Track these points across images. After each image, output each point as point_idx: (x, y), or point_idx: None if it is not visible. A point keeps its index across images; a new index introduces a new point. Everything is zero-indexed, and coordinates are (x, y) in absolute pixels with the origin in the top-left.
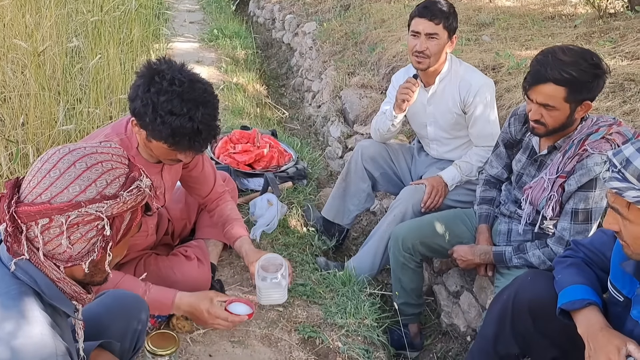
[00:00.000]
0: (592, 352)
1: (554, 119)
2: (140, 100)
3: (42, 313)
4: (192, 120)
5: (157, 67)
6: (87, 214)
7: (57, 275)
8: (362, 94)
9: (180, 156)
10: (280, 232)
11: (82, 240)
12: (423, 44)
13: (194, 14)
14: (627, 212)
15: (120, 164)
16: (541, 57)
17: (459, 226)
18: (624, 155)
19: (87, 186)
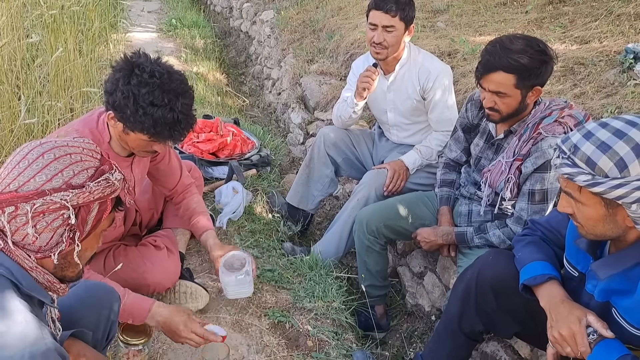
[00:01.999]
0: (554, 322)
1: (506, 105)
2: (120, 93)
3: (22, 302)
4: (172, 111)
5: (135, 60)
6: (52, 202)
7: (29, 264)
8: (321, 81)
9: (157, 147)
10: (246, 219)
11: (48, 230)
12: (380, 35)
13: (151, 3)
14: (579, 195)
15: (90, 158)
16: (490, 47)
17: (421, 208)
18: (571, 142)
19: (53, 176)
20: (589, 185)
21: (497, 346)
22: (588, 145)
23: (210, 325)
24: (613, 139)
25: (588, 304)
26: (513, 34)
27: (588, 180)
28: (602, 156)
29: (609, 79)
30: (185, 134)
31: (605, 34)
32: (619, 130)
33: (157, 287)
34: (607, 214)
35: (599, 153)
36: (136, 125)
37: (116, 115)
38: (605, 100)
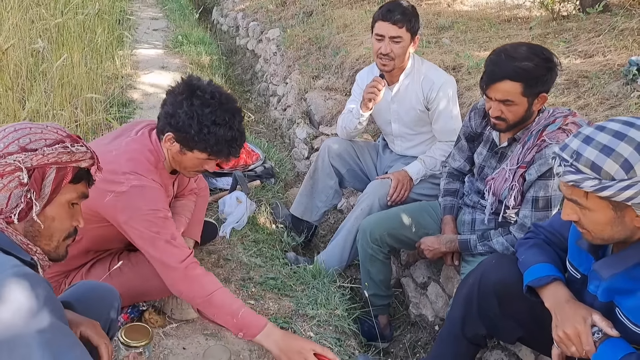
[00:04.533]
0: (559, 322)
1: (513, 114)
2: (184, 114)
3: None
4: (232, 129)
5: (195, 82)
6: (7, 164)
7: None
8: (326, 96)
9: (208, 166)
10: (250, 229)
11: (5, 190)
12: (387, 46)
13: (158, 22)
14: (586, 201)
15: (53, 133)
16: (494, 56)
17: (425, 218)
18: (571, 148)
19: (10, 143)
20: (597, 190)
21: (501, 354)
22: (590, 150)
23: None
24: (614, 141)
25: (592, 304)
26: (516, 43)
27: (595, 185)
28: (607, 159)
29: (613, 91)
30: (240, 150)
31: (609, 48)
32: (618, 132)
33: (159, 292)
34: (615, 216)
35: (602, 157)
36: (199, 144)
37: (176, 136)
38: (609, 111)
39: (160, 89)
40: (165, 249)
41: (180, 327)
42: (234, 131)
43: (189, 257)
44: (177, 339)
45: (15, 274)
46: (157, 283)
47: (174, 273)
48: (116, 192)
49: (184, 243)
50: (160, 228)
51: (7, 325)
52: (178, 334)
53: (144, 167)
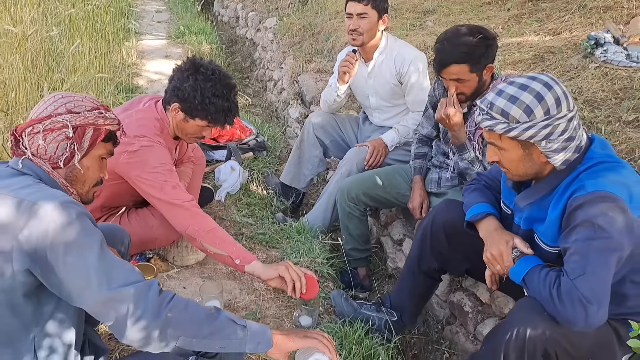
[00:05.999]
0: (488, 246)
1: (468, 88)
2: (189, 87)
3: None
4: (228, 101)
5: (198, 61)
6: (57, 122)
7: (47, 169)
8: (317, 78)
9: (206, 132)
10: (243, 194)
11: (54, 142)
12: (355, 22)
13: (162, 14)
14: (500, 142)
15: (91, 102)
16: (439, 45)
17: (397, 179)
18: (488, 100)
19: (59, 106)
20: (506, 131)
21: (462, 295)
22: (500, 100)
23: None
24: (519, 92)
25: (517, 233)
26: (456, 26)
27: (504, 128)
28: (512, 106)
29: (573, 64)
30: (234, 119)
31: (576, 25)
32: (523, 85)
33: (163, 240)
34: (524, 154)
35: (509, 105)
36: (201, 112)
37: (182, 106)
38: (569, 82)
39: (163, 75)
40: (172, 192)
41: (181, 272)
42: (230, 102)
43: (193, 199)
44: (179, 281)
45: (66, 199)
46: (161, 232)
47: (181, 210)
48: (129, 152)
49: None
50: (167, 177)
51: (63, 227)
52: (179, 277)
53: (152, 131)
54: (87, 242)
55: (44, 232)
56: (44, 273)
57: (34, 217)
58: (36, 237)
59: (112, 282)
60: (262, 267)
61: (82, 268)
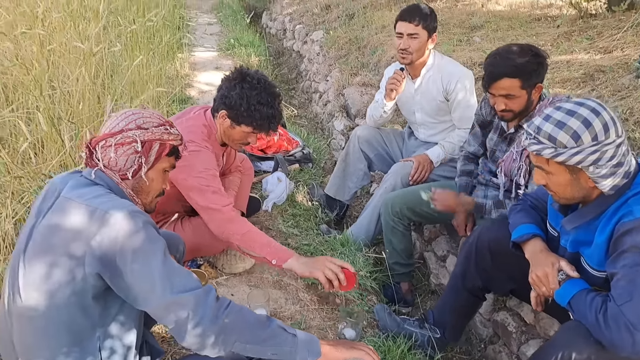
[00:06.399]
0: (533, 267)
1: (517, 105)
2: (236, 95)
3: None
4: (272, 108)
5: (245, 71)
6: (127, 137)
7: (116, 180)
8: (363, 92)
9: (252, 139)
10: (289, 205)
11: (124, 155)
12: (405, 42)
13: (213, 27)
14: (548, 166)
15: (157, 119)
16: (491, 59)
17: None
18: (535, 124)
19: (129, 122)
20: (553, 156)
21: (506, 314)
22: (548, 125)
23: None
24: (567, 117)
25: (563, 255)
26: (507, 44)
27: (552, 153)
28: (560, 132)
29: (624, 84)
30: (277, 127)
31: (629, 44)
32: (570, 110)
33: (210, 249)
34: (572, 178)
35: (557, 130)
36: (246, 119)
37: (229, 113)
38: (619, 102)
39: (214, 87)
40: (212, 197)
41: (229, 279)
42: (274, 110)
43: (230, 204)
44: (227, 287)
45: (134, 209)
46: (211, 240)
47: (218, 214)
48: None
49: (227, 195)
50: (210, 182)
51: (131, 235)
52: (228, 284)
53: (200, 137)
54: (152, 250)
55: (114, 239)
56: (113, 277)
57: (105, 224)
58: (107, 243)
59: (174, 288)
60: (298, 265)
61: (148, 273)
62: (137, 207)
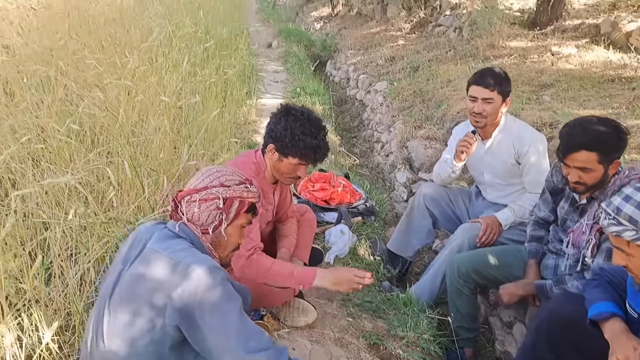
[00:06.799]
0: (614, 349)
1: (591, 178)
2: (281, 127)
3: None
4: (316, 138)
5: (290, 106)
6: (211, 194)
7: (198, 234)
8: (427, 145)
9: (300, 172)
10: (351, 258)
11: (206, 211)
12: (479, 107)
13: (279, 74)
14: (628, 248)
15: (238, 177)
16: (569, 129)
17: (510, 259)
18: (614, 205)
19: (213, 179)
20: (635, 239)
21: None
22: (628, 207)
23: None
24: None
25: None
26: (587, 116)
27: (633, 235)
28: None
29: None
30: (324, 157)
31: None
32: None
33: (275, 299)
34: None
35: (638, 212)
36: (291, 149)
37: (275, 146)
38: None
39: None
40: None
41: (291, 332)
42: (318, 140)
43: (254, 247)
44: (288, 341)
45: (213, 264)
46: (275, 292)
47: (240, 260)
48: None
49: (257, 236)
50: None
51: (210, 290)
52: (289, 338)
53: (247, 173)
54: (229, 306)
55: (194, 293)
56: (190, 330)
57: (187, 278)
58: (187, 296)
59: (249, 346)
60: (323, 283)
61: (224, 329)
62: (216, 262)
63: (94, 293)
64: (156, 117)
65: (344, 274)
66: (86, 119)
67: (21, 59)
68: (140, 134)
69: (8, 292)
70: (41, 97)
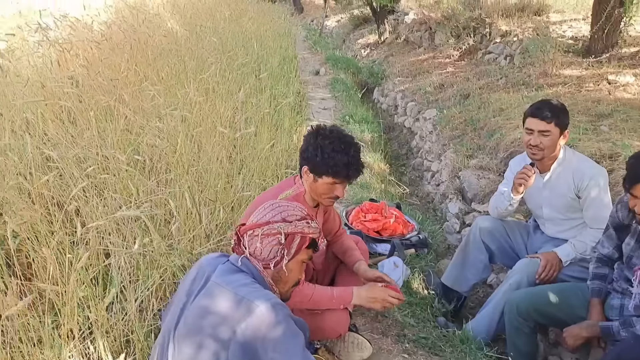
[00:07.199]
0: None
1: None
2: (312, 147)
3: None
4: (347, 154)
5: (319, 127)
6: (273, 229)
7: (259, 269)
8: (480, 175)
9: (338, 191)
10: (404, 291)
11: (268, 246)
12: (536, 139)
13: (327, 102)
14: None
15: (299, 212)
16: (635, 159)
17: (572, 298)
18: None
19: (276, 214)
20: None
21: None
22: None
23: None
24: None
25: None
26: None
27: None
28: None
29: None
30: (357, 174)
31: None
32: None
33: (330, 333)
34: None
35: None
36: (323, 167)
37: (309, 167)
38: None
39: None
40: None
41: None
42: (349, 157)
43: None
44: None
45: (277, 301)
46: (330, 325)
47: None
48: None
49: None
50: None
51: (274, 326)
52: None
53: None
54: (292, 344)
55: (257, 329)
56: None
57: (250, 314)
58: (251, 332)
59: None
60: (360, 302)
61: None
62: (278, 299)
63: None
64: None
65: (379, 293)
66: (145, 148)
67: (84, 89)
68: (197, 163)
69: (77, 320)
70: (103, 126)
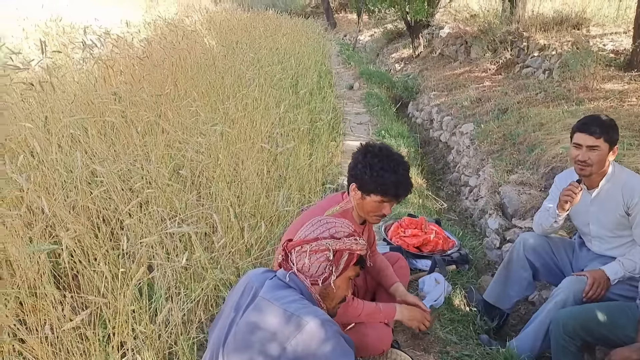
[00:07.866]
0: None
1: None
2: (361, 165)
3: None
4: (396, 173)
5: (368, 145)
6: (321, 245)
7: (307, 285)
8: (520, 191)
9: (385, 209)
10: (446, 308)
11: (316, 262)
12: (585, 154)
13: (362, 116)
14: None
15: (347, 228)
16: None
17: (621, 317)
18: None
19: (323, 230)
20: None
21: None
22: None
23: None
24: None
25: None
26: None
27: None
28: None
29: None
30: (406, 193)
31: None
32: None
33: (373, 349)
34: None
35: None
36: (371, 185)
37: (357, 184)
38: None
39: None
40: None
41: None
42: (398, 175)
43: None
44: None
45: (326, 317)
46: (373, 342)
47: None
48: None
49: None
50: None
51: (324, 343)
52: None
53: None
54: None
55: (307, 346)
56: None
57: (300, 330)
58: (301, 348)
59: None
60: (402, 317)
61: None
62: (327, 315)
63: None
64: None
65: (418, 314)
66: (187, 163)
67: (127, 105)
68: (237, 178)
69: (127, 332)
70: (146, 141)
